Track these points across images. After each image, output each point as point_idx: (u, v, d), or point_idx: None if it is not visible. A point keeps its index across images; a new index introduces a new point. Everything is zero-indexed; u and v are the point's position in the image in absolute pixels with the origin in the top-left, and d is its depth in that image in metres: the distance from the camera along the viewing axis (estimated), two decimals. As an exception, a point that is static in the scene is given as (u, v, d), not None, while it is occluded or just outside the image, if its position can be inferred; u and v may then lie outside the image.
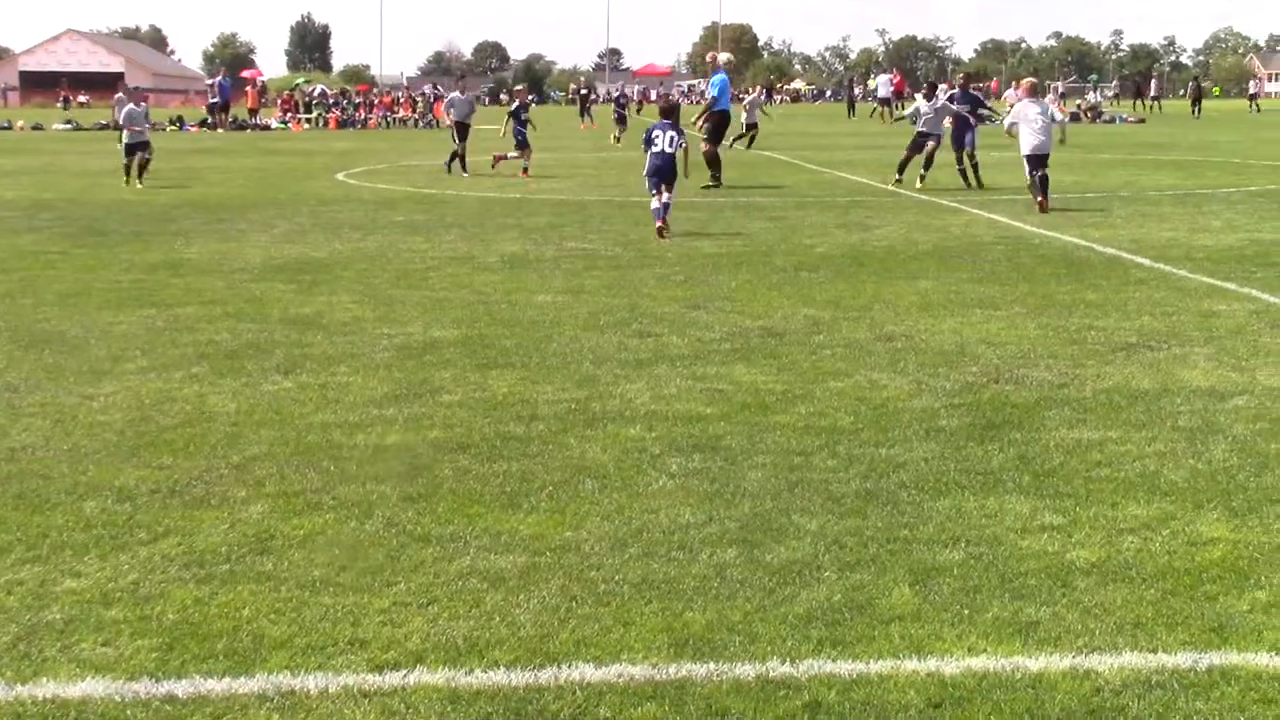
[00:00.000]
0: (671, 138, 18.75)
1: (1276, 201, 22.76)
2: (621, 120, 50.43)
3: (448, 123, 31.80)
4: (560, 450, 7.93)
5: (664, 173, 18.56)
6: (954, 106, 26.91)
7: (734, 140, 38.95)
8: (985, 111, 28.78)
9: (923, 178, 25.82)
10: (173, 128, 61.75)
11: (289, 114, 67.27)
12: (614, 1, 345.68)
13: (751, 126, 41.65)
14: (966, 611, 5.53)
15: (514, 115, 31.15)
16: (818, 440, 8.07)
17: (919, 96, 28.10)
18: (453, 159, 30.73)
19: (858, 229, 19.26)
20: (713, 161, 26.27)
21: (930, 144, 25.99)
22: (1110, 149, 40.21)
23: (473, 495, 7.09)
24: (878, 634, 5.31)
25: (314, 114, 68.54)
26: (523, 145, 30.82)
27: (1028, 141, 21.51)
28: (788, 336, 11.21)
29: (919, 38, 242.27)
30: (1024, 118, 21.80)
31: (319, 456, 7.80)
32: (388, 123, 67.48)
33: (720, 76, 28.41)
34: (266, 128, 63.92)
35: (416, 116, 68.79)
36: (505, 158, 30.81)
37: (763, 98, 57.86)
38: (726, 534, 6.47)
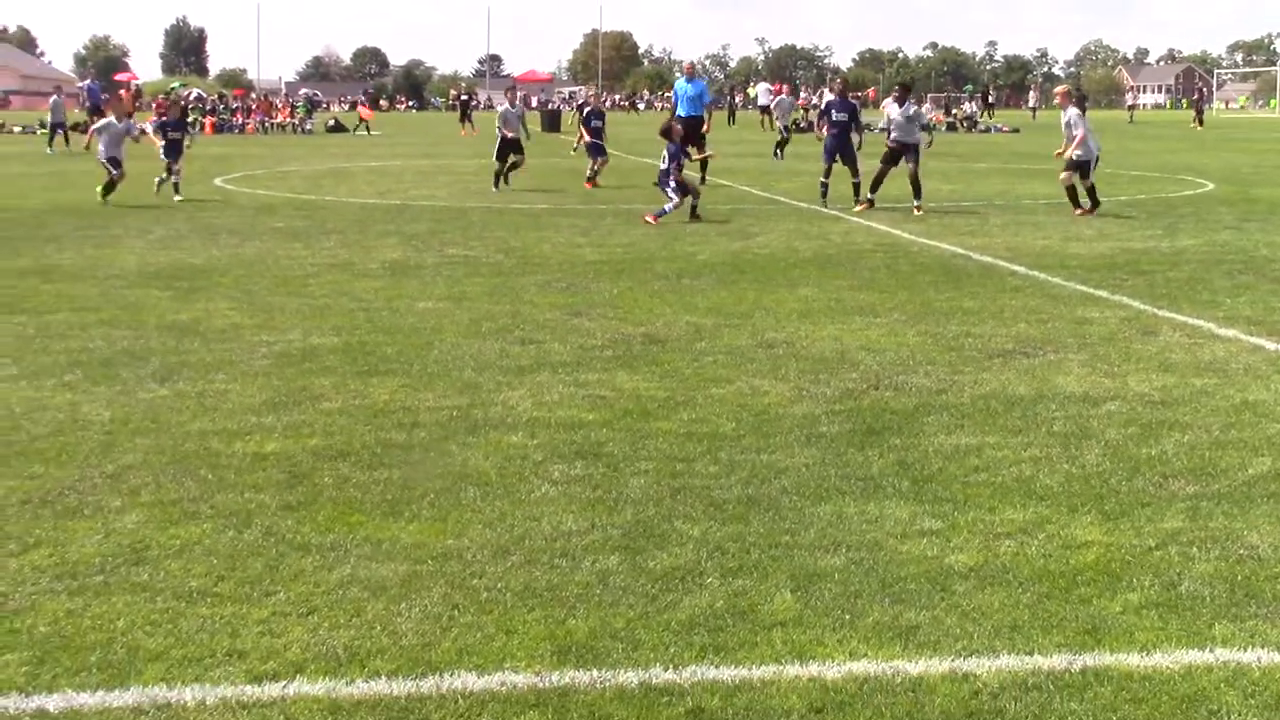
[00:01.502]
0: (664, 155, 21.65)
1: (1145, 211, 23.25)
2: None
3: (509, 135, 27.87)
4: (442, 458, 7.88)
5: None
6: (835, 115, 24.17)
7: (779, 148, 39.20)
8: (863, 121, 25.72)
9: (870, 201, 23.27)
10: (43, 131, 60.51)
11: (163, 117, 66.16)
12: (494, 8, 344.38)
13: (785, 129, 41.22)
14: (847, 616, 5.57)
15: (585, 122, 29.35)
16: (700, 447, 8.10)
17: (889, 102, 24.43)
18: (508, 170, 27.83)
19: (739, 236, 19.36)
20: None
21: (909, 164, 23.04)
22: (986, 158, 40.80)
23: (353, 503, 7.02)
24: (760, 640, 5.34)
25: (191, 118, 67.54)
26: (597, 153, 28.69)
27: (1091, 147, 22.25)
28: (669, 343, 11.24)
29: (798, 47, 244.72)
30: (1087, 127, 22.23)
31: (196, 465, 7.68)
32: (265, 128, 66.70)
33: (679, 82, 30.13)
34: (142, 132, 62.86)
35: (295, 122, 68.03)
36: (596, 175, 28.63)
37: (788, 98, 49.00)
38: (609, 541, 6.46)
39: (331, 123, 69.45)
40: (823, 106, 26.95)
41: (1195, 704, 4.81)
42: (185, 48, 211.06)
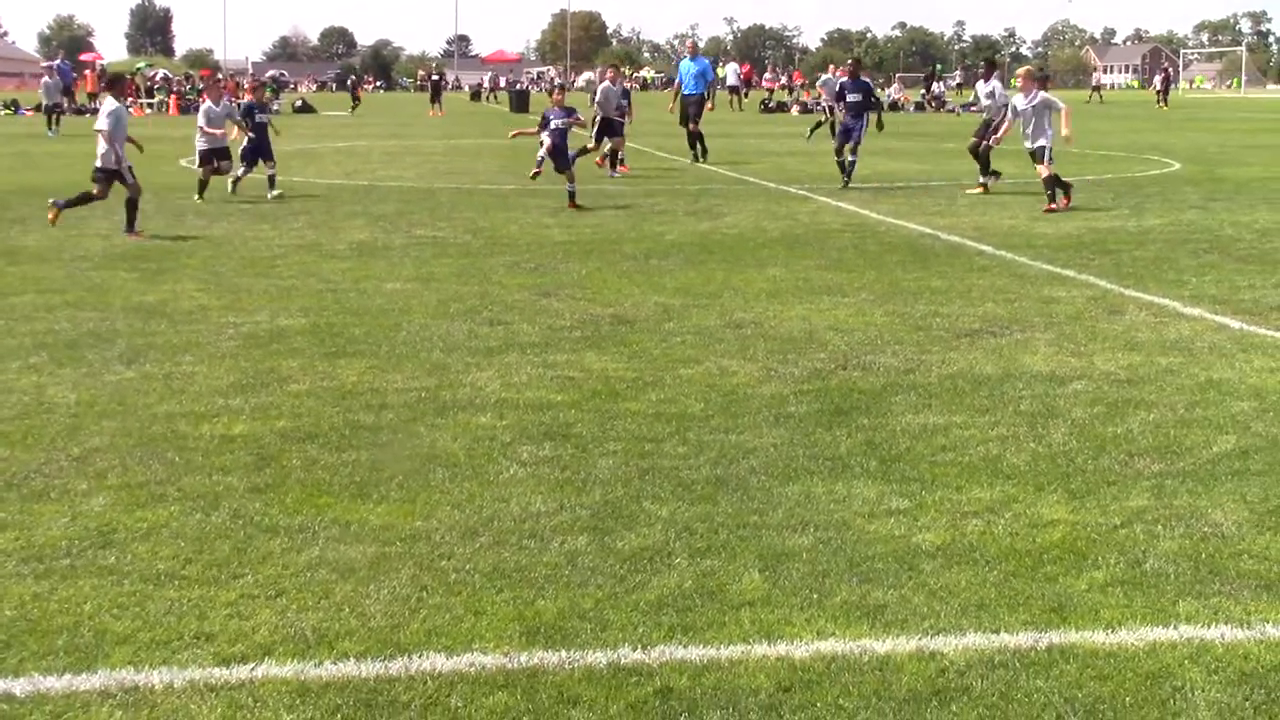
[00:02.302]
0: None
1: (1111, 190, 23.33)
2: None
3: (606, 116, 26.07)
4: (410, 439, 7.87)
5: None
6: (849, 96, 24.26)
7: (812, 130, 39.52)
8: (875, 101, 25.53)
9: (984, 185, 23.13)
10: (7, 112, 60.16)
11: (130, 98, 65.76)
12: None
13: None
14: (815, 595, 5.59)
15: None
16: (668, 427, 8.11)
17: (983, 81, 23.92)
18: (610, 154, 26.50)
19: (707, 216, 19.36)
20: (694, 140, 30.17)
21: (985, 139, 22.89)
22: (954, 138, 40.80)
23: (321, 485, 7.01)
24: (728, 619, 5.35)
25: (156, 99, 67.19)
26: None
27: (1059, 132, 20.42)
28: (638, 324, 11.24)
29: (767, 26, 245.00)
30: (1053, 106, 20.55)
31: (163, 447, 7.65)
32: (232, 108, 66.33)
33: (683, 62, 31.96)
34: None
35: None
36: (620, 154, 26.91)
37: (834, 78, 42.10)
38: (578, 522, 6.47)
39: (299, 103, 69.13)
40: (837, 88, 27.33)
41: (1159, 680, 4.85)
42: (151, 27, 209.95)
